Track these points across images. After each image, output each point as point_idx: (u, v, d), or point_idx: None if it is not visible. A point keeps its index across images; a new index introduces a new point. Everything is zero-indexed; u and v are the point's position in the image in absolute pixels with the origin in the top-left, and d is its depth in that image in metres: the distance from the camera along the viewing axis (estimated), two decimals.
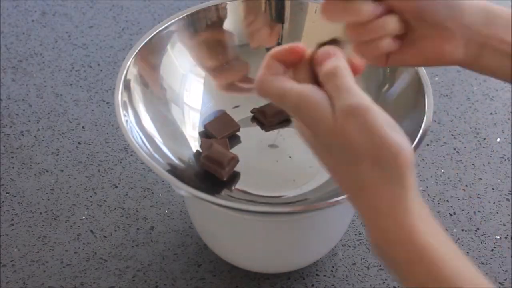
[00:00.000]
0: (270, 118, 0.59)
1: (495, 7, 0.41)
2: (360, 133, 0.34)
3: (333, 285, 0.59)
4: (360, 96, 0.35)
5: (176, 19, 0.58)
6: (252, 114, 0.60)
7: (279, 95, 0.37)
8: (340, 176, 0.36)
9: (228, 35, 0.61)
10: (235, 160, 0.55)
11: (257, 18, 0.61)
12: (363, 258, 0.61)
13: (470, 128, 0.73)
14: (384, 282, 0.59)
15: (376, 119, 0.34)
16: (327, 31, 0.62)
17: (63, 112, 0.74)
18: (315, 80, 0.38)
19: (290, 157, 0.57)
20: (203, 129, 0.58)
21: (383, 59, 0.42)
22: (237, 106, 0.61)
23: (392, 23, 0.39)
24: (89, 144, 0.70)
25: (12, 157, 0.69)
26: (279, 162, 0.57)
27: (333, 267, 0.60)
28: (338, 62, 0.36)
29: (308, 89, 0.36)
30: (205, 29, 0.60)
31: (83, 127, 0.72)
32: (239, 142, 0.58)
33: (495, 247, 0.62)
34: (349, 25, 0.40)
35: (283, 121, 0.60)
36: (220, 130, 0.58)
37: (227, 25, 0.61)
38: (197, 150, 0.57)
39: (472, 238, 0.63)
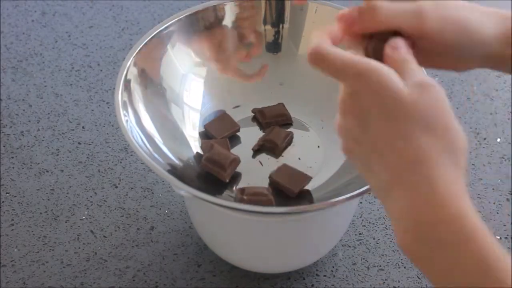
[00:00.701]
0: (268, 119, 0.59)
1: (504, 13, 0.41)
2: (432, 107, 0.36)
3: (333, 285, 0.59)
4: (429, 78, 0.37)
5: (176, 19, 0.58)
6: (252, 114, 0.60)
7: (342, 64, 0.37)
8: (394, 147, 0.36)
9: (228, 35, 0.61)
10: (236, 161, 0.55)
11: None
12: (363, 258, 0.61)
13: (470, 128, 0.73)
14: (384, 282, 0.59)
15: (446, 101, 0.36)
16: None
17: (63, 112, 0.74)
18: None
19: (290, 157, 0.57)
20: (203, 130, 0.58)
21: None
22: (237, 106, 0.61)
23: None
24: (89, 144, 0.70)
25: (12, 157, 0.69)
26: (279, 163, 0.57)
27: (333, 267, 0.60)
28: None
29: (377, 63, 0.37)
30: (205, 29, 0.60)
31: (83, 127, 0.72)
32: (239, 142, 0.58)
33: None
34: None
35: (282, 124, 0.59)
36: (220, 130, 0.58)
37: (227, 25, 0.61)
38: (197, 152, 0.57)
39: None
